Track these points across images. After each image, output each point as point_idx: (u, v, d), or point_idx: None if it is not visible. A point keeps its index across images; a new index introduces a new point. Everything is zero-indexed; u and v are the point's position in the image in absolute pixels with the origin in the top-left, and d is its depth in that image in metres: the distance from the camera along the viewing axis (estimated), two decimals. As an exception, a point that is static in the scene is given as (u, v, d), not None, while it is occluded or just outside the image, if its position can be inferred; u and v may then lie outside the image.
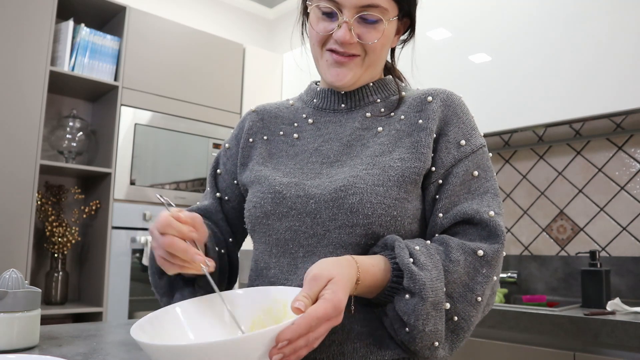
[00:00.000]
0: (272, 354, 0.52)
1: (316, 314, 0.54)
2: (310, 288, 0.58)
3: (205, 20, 3.16)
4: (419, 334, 0.66)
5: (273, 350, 0.52)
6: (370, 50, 0.79)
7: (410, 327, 0.66)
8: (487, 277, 0.71)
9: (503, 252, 0.73)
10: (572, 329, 1.37)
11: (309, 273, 0.60)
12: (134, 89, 2.41)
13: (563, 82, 1.74)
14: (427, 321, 0.66)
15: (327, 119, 0.86)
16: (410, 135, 0.78)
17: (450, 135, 0.78)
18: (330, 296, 0.56)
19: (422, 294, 0.65)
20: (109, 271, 2.25)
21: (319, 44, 0.81)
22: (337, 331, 0.72)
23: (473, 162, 0.77)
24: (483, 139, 0.81)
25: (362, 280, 0.64)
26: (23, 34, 2.08)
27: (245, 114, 0.94)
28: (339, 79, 0.80)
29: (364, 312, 0.73)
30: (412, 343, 0.67)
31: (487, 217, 0.73)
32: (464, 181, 0.76)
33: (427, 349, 0.68)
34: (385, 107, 0.84)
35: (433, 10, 2.15)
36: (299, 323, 0.53)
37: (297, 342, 0.53)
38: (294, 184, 0.78)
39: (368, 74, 0.83)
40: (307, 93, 0.92)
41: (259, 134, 0.89)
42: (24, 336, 0.71)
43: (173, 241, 0.65)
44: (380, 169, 0.75)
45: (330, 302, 0.56)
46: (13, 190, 2.01)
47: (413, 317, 0.65)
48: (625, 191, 1.86)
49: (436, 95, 0.81)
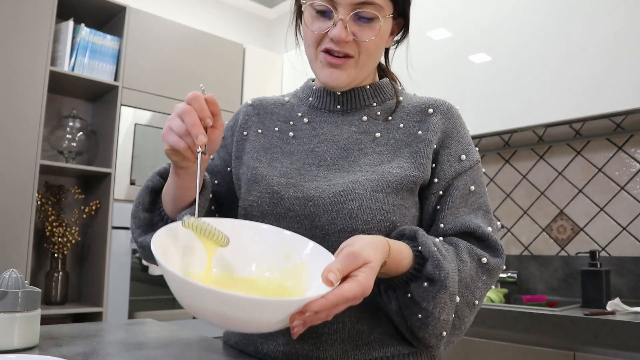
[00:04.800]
0: (294, 319, 0.52)
1: (347, 294, 0.54)
2: (345, 264, 0.57)
3: (205, 20, 3.16)
4: (433, 320, 0.67)
5: (296, 315, 0.52)
6: (364, 50, 0.78)
7: (425, 313, 0.67)
8: (485, 284, 0.74)
9: (503, 267, 0.76)
10: (572, 329, 1.37)
11: (348, 247, 0.59)
12: (134, 89, 2.41)
13: (563, 82, 1.74)
14: (443, 310, 0.67)
15: (323, 119, 0.86)
16: (409, 146, 0.79)
17: (452, 149, 0.80)
18: (363, 280, 0.56)
19: (446, 282, 0.66)
20: (109, 271, 2.25)
21: (314, 44, 0.80)
22: (339, 330, 0.73)
23: (471, 176, 0.80)
24: (478, 154, 0.84)
25: (387, 265, 0.65)
26: (23, 34, 2.08)
27: (242, 106, 0.93)
28: (334, 79, 0.80)
29: (364, 312, 0.74)
30: (422, 329, 0.69)
31: (488, 232, 0.76)
32: (462, 194, 0.78)
33: (434, 337, 0.69)
34: (382, 110, 0.84)
35: (433, 10, 2.15)
36: (329, 299, 0.53)
37: (320, 315, 0.54)
38: (292, 185, 0.78)
39: (362, 74, 0.83)
40: (302, 90, 0.92)
41: (253, 127, 0.89)
42: (24, 336, 0.71)
43: (191, 110, 0.64)
44: (379, 174, 0.76)
45: (361, 286, 0.56)
46: (13, 190, 2.01)
47: (432, 304, 0.67)
48: (625, 191, 1.86)
49: (436, 107, 0.82)
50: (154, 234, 0.61)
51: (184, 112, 0.64)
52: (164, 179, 0.82)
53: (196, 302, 0.53)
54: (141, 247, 0.82)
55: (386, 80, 0.88)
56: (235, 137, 0.89)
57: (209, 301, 0.51)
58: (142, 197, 0.81)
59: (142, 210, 0.81)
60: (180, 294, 0.55)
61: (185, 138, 0.65)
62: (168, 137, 0.66)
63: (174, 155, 0.68)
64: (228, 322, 0.54)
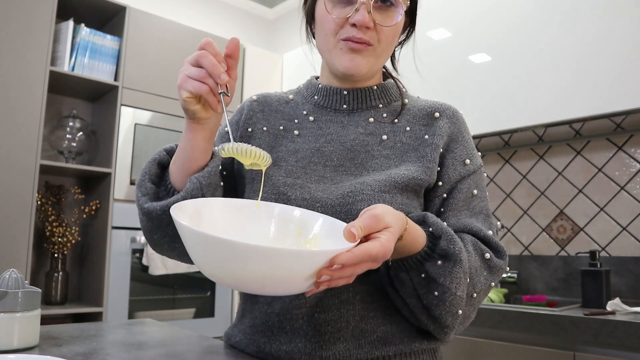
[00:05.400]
0: (322, 273, 0.52)
1: (370, 251, 0.54)
2: (368, 224, 0.57)
3: (206, 20, 3.17)
4: (450, 296, 0.68)
5: (324, 270, 0.52)
6: (383, 38, 0.79)
7: (442, 289, 0.68)
8: (486, 280, 0.74)
9: (505, 268, 0.77)
10: (572, 329, 1.37)
11: (371, 210, 0.59)
12: (134, 89, 2.41)
13: (563, 82, 1.74)
14: (459, 285, 0.68)
15: (329, 118, 0.85)
16: (416, 150, 0.80)
17: (457, 153, 0.81)
18: (385, 242, 0.56)
19: (460, 256, 0.67)
20: (109, 271, 2.25)
21: (333, 32, 0.79)
22: (342, 328, 0.73)
23: (474, 180, 0.81)
24: (481, 159, 0.85)
25: (403, 239, 0.64)
26: (23, 34, 2.08)
27: (246, 101, 0.92)
28: (354, 65, 0.78)
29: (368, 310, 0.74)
30: (439, 306, 0.69)
31: (490, 235, 0.77)
32: (466, 197, 0.79)
33: (450, 315, 0.70)
34: (388, 112, 0.85)
35: (433, 10, 2.15)
36: (355, 252, 0.53)
37: (345, 270, 0.54)
38: (298, 186, 0.78)
39: (378, 65, 0.83)
40: (307, 88, 0.91)
41: (258, 124, 0.87)
42: (24, 336, 0.71)
43: (207, 54, 0.65)
44: (386, 175, 0.76)
45: (383, 247, 0.55)
46: (13, 190, 2.01)
47: (449, 279, 0.67)
48: (625, 191, 1.86)
49: (442, 112, 0.83)
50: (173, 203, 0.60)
51: (200, 56, 0.65)
52: (171, 156, 0.80)
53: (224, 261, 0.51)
54: (147, 214, 0.76)
55: (391, 82, 0.89)
56: (239, 132, 0.88)
57: (239, 258, 0.50)
58: (148, 168, 0.79)
59: (148, 180, 0.78)
60: (200, 251, 0.54)
61: (206, 80, 0.65)
62: (187, 84, 0.66)
63: (193, 105, 0.67)
64: (253, 280, 0.53)
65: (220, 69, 0.64)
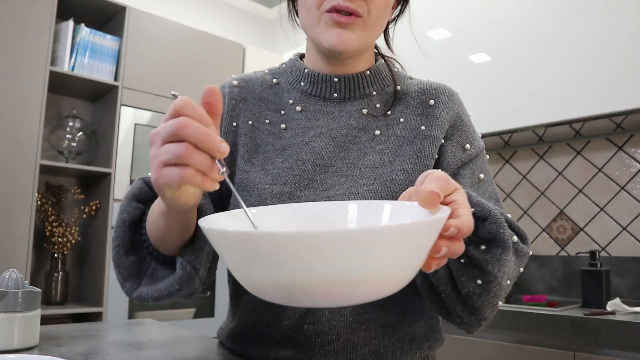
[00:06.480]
0: (440, 245, 0.43)
1: (470, 213, 0.46)
2: (440, 185, 0.45)
3: (205, 20, 3.17)
4: (496, 285, 0.59)
5: (440, 240, 0.44)
6: (374, 7, 0.70)
7: (487, 277, 0.59)
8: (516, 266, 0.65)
9: (530, 253, 0.67)
10: (572, 329, 1.37)
11: (432, 174, 0.48)
12: (134, 89, 2.41)
13: (563, 82, 1.74)
14: (505, 274, 0.60)
15: (317, 108, 0.77)
16: (411, 143, 0.74)
17: (455, 139, 0.75)
18: (468, 213, 0.46)
19: (509, 241, 0.58)
20: (109, 271, 2.25)
21: (316, 4, 0.70)
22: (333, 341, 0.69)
23: (478, 165, 0.75)
24: (482, 141, 0.79)
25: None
26: (23, 34, 2.08)
27: (225, 86, 0.81)
28: (342, 41, 0.69)
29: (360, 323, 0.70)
30: (481, 296, 0.60)
31: (511, 219, 0.66)
32: (472, 183, 0.73)
33: (491, 306, 0.62)
34: (381, 102, 0.78)
35: (433, 10, 2.15)
36: (461, 212, 0.45)
37: (462, 230, 0.44)
38: (286, 196, 0.71)
39: (370, 39, 0.74)
40: (291, 70, 0.82)
41: (242, 116, 0.78)
42: (24, 336, 0.71)
43: (190, 122, 0.43)
44: (382, 184, 0.70)
45: (469, 210, 0.47)
46: (13, 190, 2.01)
47: (496, 267, 0.58)
48: (625, 191, 1.86)
49: (437, 97, 0.76)
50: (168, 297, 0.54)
51: (179, 127, 0.43)
52: (142, 202, 0.67)
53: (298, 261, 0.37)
54: (141, 301, 0.66)
55: (383, 63, 0.81)
56: (223, 129, 0.78)
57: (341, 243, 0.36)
58: (120, 238, 0.65)
59: (124, 254, 0.65)
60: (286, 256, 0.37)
61: (191, 159, 0.43)
62: (167, 177, 0.45)
63: (175, 193, 0.48)
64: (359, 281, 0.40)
65: (214, 137, 0.43)
